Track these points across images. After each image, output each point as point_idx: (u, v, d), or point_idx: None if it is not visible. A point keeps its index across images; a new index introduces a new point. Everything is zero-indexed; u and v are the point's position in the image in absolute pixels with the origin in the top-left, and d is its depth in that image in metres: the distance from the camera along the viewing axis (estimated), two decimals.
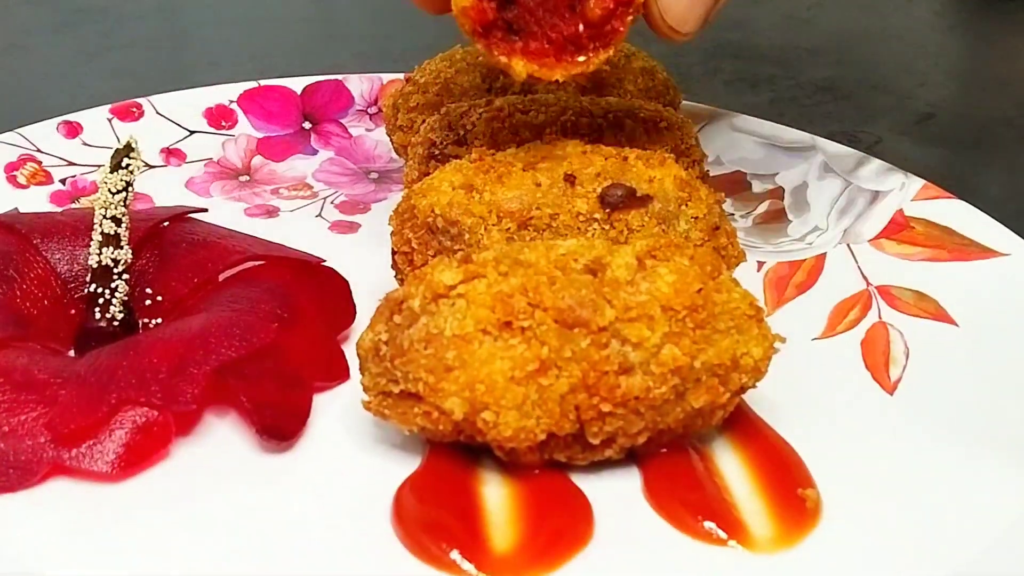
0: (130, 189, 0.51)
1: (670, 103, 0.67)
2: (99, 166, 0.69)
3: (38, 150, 0.69)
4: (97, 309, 0.51)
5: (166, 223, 0.57)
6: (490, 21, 0.49)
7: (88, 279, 0.52)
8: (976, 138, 0.87)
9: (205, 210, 0.60)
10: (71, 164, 0.69)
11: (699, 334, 0.44)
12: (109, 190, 0.50)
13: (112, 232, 0.51)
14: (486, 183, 0.51)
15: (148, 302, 0.54)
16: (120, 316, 0.51)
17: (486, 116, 0.58)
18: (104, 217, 0.51)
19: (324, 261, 0.57)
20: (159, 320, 0.53)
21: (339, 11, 1.21)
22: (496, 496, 0.45)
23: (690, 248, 0.46)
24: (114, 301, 0.51)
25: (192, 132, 0.74)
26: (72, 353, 0.52)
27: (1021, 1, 1.19)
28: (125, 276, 0.52)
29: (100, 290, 0.51)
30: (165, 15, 1.18)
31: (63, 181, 0.68)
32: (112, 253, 0.51)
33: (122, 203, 0.51)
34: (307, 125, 0.76)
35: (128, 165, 0.51)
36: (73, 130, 0.71)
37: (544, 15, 0.50)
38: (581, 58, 0.50)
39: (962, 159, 0.84)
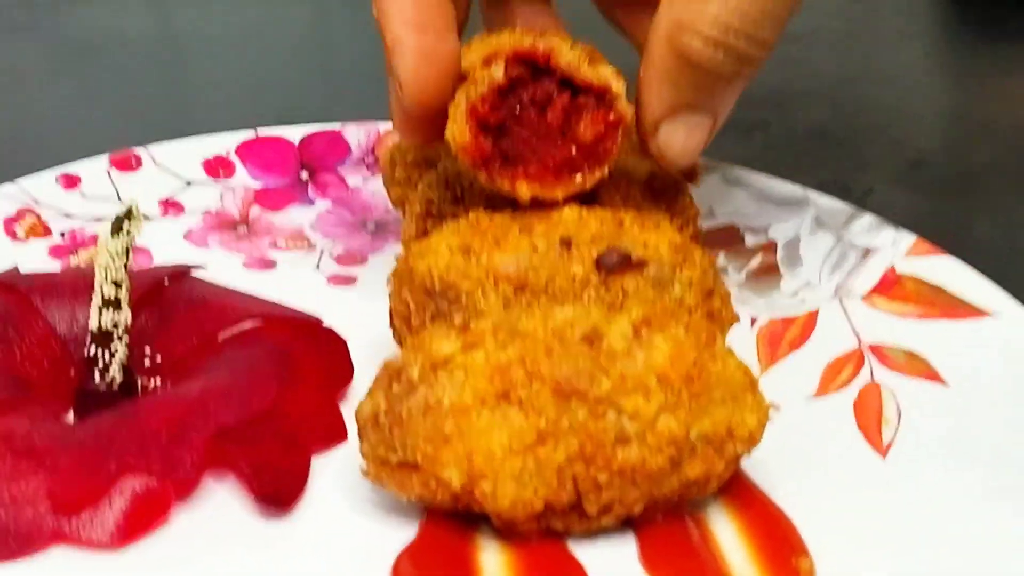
0: (130, 252, 0.51)
1: None
2: (98, 219, 0.70)
3: (36, 202, 0.70)
4: (97, 372, 0.51)
5: (166, 281, 0.58)
6: (489, 154, 0.52)
7: (88, 341, 0.52)
8: (967, 185, 0.88)
9: (203, 267, 0.61)
10: (70, 216, 0.70)
11: (694, 404, 0.44)
12: (110, 254, 0.51)
13: (112, 296, 0.51)
14: (483, 246, 0.52)
15: (147, 362, 0.54)
16: (119, 378, 0.52)
17: None
18: (104, 281, 0.51)
19: (322, 320, 0.57)
20: (158, 379, 0.54)
21: (335, 51, 1.22)
22: (493, 563, 0.45)
23: (685, 316, 0.46)
24: (113, 363, 0.51)
25: (190, 183, 0.74)
26: (71, 415, 0.52)
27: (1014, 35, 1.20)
28: (125, 338, 0.52)
29: (100, 353, 0.51)
30: (162, 55, 1.19)
31: (62, 234, 0.68)
32: (112, 316, 0.51)
33: (123, 267, 0.51)
34: (304, 175, 0.77)
35: (129, 229, 0.51)
36: (72, 182, 0.72)
37: (537, 143, 0.53)
38: (578, 178, 0.53)
39: (954, 207, 0.84)
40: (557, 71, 0.53)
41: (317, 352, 0.55)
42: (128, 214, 0.51)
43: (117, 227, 0.51)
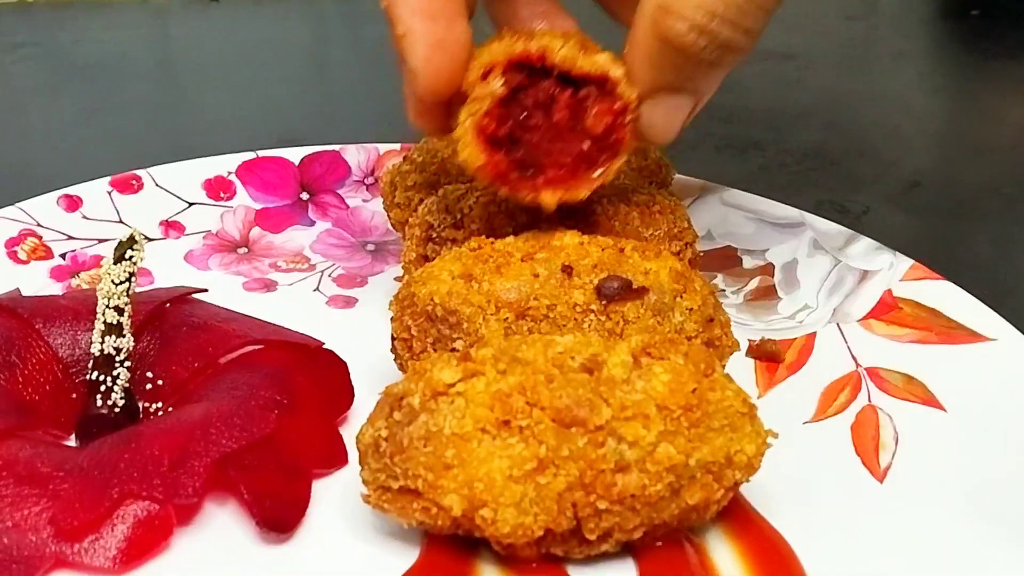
0: (133, 279, 0.52)
1: (662, 181, 0.68)
2: (99, 240, 0.70)
3: (38, 224, 0.70)
4: (99, 396, 0.52)
5: (167, 305, 0.58)
6: (505, 168, 0.52)
7: (90, 366, 0.52)
8: (963, 207, 0.89)
9: (205, 290, 0.61)
10: (71, 238, 0.70)
11: (693, 432, 0.45)
12: (112, 280, 0.51)
13: (115, 321, 0.51)
14: (485, 273, 0.52)
15: (149, 386, 0.54)
16: (121, 402, 0.52)
17: (483, 200, 0.59)
18: (107, 307, 0.51)
19: (323, 344, 0.58)
20: (160, 404, 0.54)
21: (334, 72, 1.22)
22: None
23: (684, 345, 0.47)
24: (116, 388, 0.52)
25: (191, 204, 0.75)
26: (74, 439, 0.52)
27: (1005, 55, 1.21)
28: (127, 363, 0.52)
29: (102, 378, 0.52)
30: (162, 75, 1.20)
31: (63, 256, 0.69)
32: (114, 342, 0.52)
33: (125, 293, 0.51)
34: (304, 196, 0.77)
35: (131, 256, 0.51)
36: (73, 204, 0.72)
37: (550, 145, 0.53)
38: (597, 172, 0.53)
39: (949, 229, 0.85)
40: (554, 69, 0.52)
41: (318, 376, 0.55)
42: (130, 241, 0.51)
43: (120, 254, 0.51)
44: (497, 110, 0.52)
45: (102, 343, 0.52)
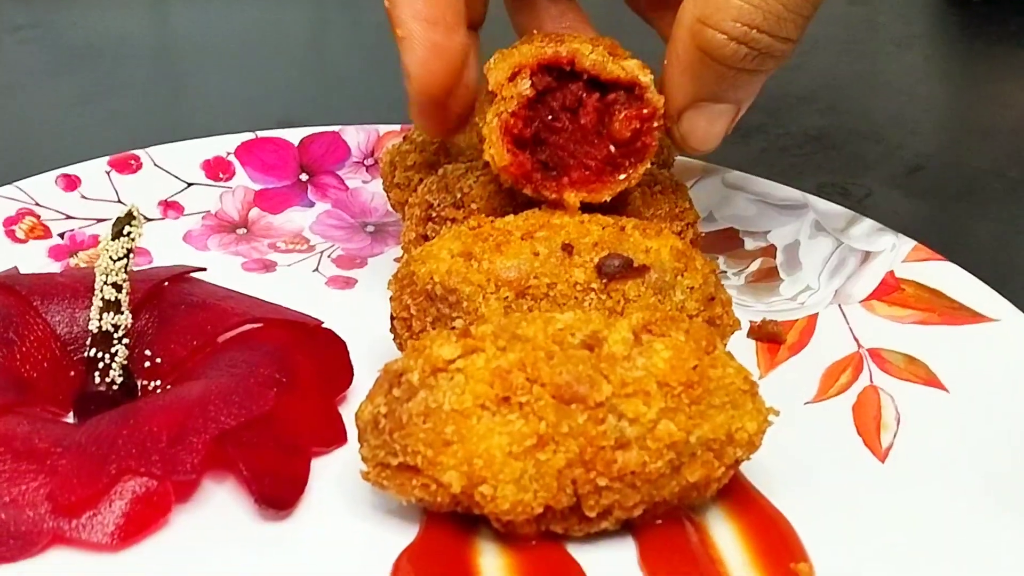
0: (131, 256, 0.52)
1: (664, 162, 0.67)
2: (97, 220, 0.70)
3: (36, 204, 0.70)
4: (97, 373, 0.51)
5: (166, 283, 0.58)
6: (529, 169, 0.53)
7: (88, 343, 0.52)
8: (966, 190, 0.89)
9: (204, 269, 0.61)
10: (69, 218, 0.70)
11: (694, 409, 0.44)
12: (110, 257, 0.51)
13: (113, 298, 0.51)
14: (485, 251, 0.52)
15: (147, 364, 0.54)
16: (120, 380, 0.52)
17: (483, 179, 0.59)
18: (105, 283, 0.51)
19: (322, 323, 0.57)
20: (158, 382, 0.54)
21: (333, 56, 1.22)
22: (493, 567, 0.45)
23: (685, 322, 0.46)
24: (114, 365, 0.52)
25: (190, 184, 0.74)
26: (72, 416, 0.52)
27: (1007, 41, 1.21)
28: (125, 340, 0.52)
29: (100, 355, 0.51)
30: (161, 58, 1.19)
31: (61, 235, 0.68)
32: (112, 319, 0.51)
33: (123, 270, 0.51)
34: (304, 177, 0.77)
35: (129, 232, 0.51)
36: (71, 183, 0.71)
37: (575, 147, 0.54)
38: (622, 176, 0.54)
39: (952, 212, 0.85)
40: (583, 73, 0.53)
41: (317, 355, 0.55)
42: (128, 217, 0.51)
43: (118, 231, 0.51)
44: (524, 111, 0.53)
45: (100, 320, 0.51)
